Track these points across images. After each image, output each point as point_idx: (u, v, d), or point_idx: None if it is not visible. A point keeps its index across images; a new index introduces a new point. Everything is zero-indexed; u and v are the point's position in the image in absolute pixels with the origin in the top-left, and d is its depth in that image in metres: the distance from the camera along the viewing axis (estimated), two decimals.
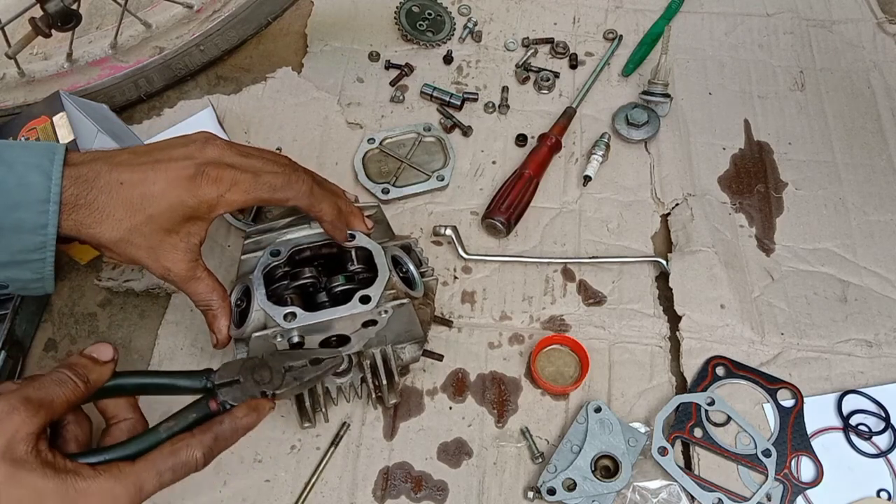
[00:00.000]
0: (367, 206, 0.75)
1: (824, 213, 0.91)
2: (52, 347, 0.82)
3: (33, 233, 0.58)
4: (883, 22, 1.09)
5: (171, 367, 0.80)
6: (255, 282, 0.67)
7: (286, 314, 0.65)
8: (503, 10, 1.11)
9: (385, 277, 0.67)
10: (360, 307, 0.65)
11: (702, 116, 0.99)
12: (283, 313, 0.65)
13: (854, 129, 0.98)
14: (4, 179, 0.57)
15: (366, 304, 0.66)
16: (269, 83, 1.03)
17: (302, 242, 0.71)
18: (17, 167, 0.57)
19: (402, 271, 0.72)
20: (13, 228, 0.57)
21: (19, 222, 0.57)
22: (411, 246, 0.76)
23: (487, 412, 0.78)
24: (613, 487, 0.70)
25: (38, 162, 0.58)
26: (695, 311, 0.82)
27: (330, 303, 0.69)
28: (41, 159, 0.58)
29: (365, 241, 0.71)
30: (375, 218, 0.76)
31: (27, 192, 0.57)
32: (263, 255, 0.69)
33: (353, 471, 0.74)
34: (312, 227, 0.72)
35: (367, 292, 0.66)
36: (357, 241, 0.70)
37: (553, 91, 1.03)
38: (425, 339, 0.75)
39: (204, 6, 0.99)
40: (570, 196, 0.93)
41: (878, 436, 0.76)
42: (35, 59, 0.99)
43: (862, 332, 0.82)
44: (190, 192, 0.62)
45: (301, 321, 0.65)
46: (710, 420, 0.76)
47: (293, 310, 0.65)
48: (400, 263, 0.72)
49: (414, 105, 1.01)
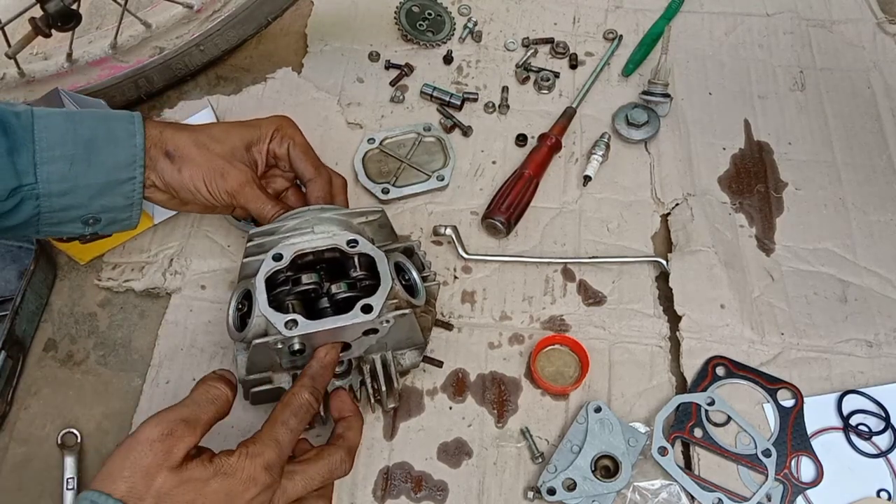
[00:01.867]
0: (371, 211, 0.75)
1: (824, 213, 0.91)
2: (52, 347, 0.82)
3: (125, 144, 0.68)
4: (883, 22, 1.09)
5: (170, 367, 0.80)
6: (256, 287, 0.67)
7: (287, 322, 0.64)
8: (503, 10, 1.11)
9: (387, 287, 0.67)
10: (362, 317, 0.65)
11: (702, 116, 0.99)
12: (284, 321, 0.64)
13: (854, 129, 0.98)
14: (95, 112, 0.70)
15: (367, 313, 0.65)
16: (269, 83, 1.03)
17: (305, 247, 0.70)
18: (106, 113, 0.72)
19: (405, 279, 0.72)
20: (107, 140, 0.67)
21: (111, 132, 0.68)
22: (414, 249, 0.76)
23: (487, 412, 0.78)
24: (613, 487, 0.70)
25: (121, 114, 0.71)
26: (695, 311, 0.82)
27: (332, 309, 0.69)
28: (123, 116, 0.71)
29: (368, 247, 0.70)
30: (379, 222, 0.75)
31: (115, 116, 0.70)
32: (266, 259, 0.69)
33: (353, 471, 0.74)
34: (316, 232, 0.71)
35: (370, 301, 0.66)
36: (360, 248, 0.70)
37: (553, 91, 1.03)
38: (426, 344, 0.74)
39: (204, 6, 0.99)
40: (570, 196, 0.93)
41: (878, 436, 0.76)
42: (35, 59, 0.99)
43: (862, 332, 0.82)
44: (252, 126, 0.77)
45: (302, 329, 0.64)
46: (710, 420, 0.76)
47: (294, 317, 0.65)
48: (403, 270, 0.72)
49: (414, 105, 1.01)
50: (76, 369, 0.81)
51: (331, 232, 0.71)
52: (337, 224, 0.72)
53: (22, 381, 0.80)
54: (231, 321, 0.69)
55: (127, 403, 0.78)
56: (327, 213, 0.72)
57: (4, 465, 0.75)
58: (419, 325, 0.71)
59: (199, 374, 0.79)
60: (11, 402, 0.78)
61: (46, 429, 0.77)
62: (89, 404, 0.78)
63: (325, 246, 0.70)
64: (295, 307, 0.68)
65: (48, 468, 0.74)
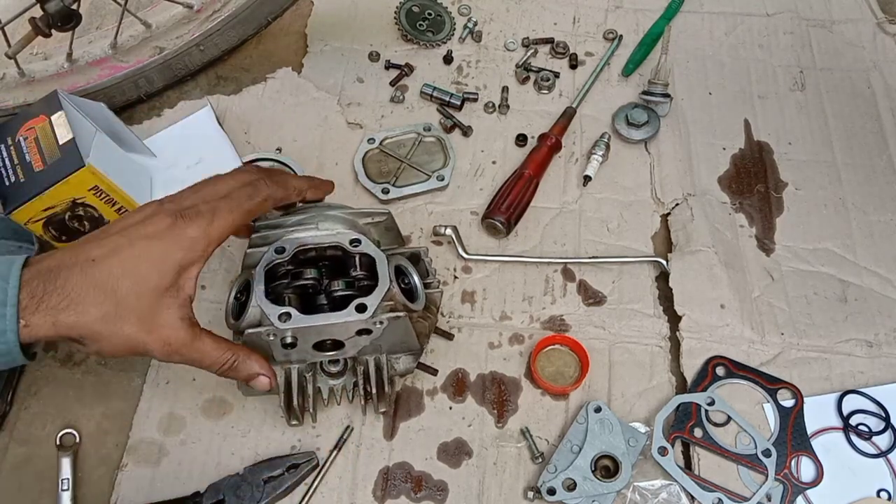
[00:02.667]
0: (378, 212, 0.74)
1: (824, 213, 0.91)
2: (52, 347, 0.82)
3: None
4: (883, 22, 1.09)
5: (171, 367, 0.79)
6: (256, 277, 0.67)
7: (281, 314, 0.65)
8: (503, 10, 1.11)
9: (384, 288, 0.67)
10: (356, 315, 0.65)
11: (702, 116, 0.99)
12: (278, 313, 0.65)
13: (854, 129, 0.98)
14: None
15: (361, 312, 0.65)
16: (269, 83, 1.03)
17: (307, 242, 0.70)
18: None
19: (405, 282, 0.71)
20: None
21: None
22: (420, 256, 0.75)
23: (487, 412, 0.78)
24: (613, 487, 0.70)
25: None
26: (695, 311, 0.82)
27: (329, 306, 0.69)
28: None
29: (371, 248, 0.70)
30: (386, 225, 0.75)
31: None
32: (268, 251, 0.69)
33: (353, 471, 0.74)
34: (320, 228, 0.71)
35: (365, 301, 0.66)
36: (362, 248, 0.70)
37: (553, 91, 1.03)
38: (422, 351, 0.74)
39: (204, 6, 0.99)
40: (570, 196, 0.93)
41: (878, 436, 0.76)
42: (35, 59, 0.99)
43: (862, 332, 0.82)
44: (174, 239, 0.58)
45: (295, 323, 0.65)
46: (710, 420, 0.76)
47: (289, 310, 0.65)
48: (403, 273, 0.72)
49: (414, 105, 1.01)
50: (76, 369, 0.81)
51: (335, 230, 0.71)
52: (342, 223, 0.72)
53: (22, 381, 0.80)
54: (229, 308, 0.69)
55: (127, 403, 0.78)
56: (333, 210, 0.72)
57: (4, 465, 0.75)
58: (416, 330, 0.70)
59: (199, 374, 0.79)
60: (11, 402, 0.78)
61: (46, 429, 0.77)
62: (89, 404, 0.78)
63: (327, 242, 0.70)
64: (292, 300, 0.68)
65: (48, 468, 0.74)
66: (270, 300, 0.66)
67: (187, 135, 0.96)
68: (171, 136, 0.96)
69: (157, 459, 0.75)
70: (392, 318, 0.66)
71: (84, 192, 0.79)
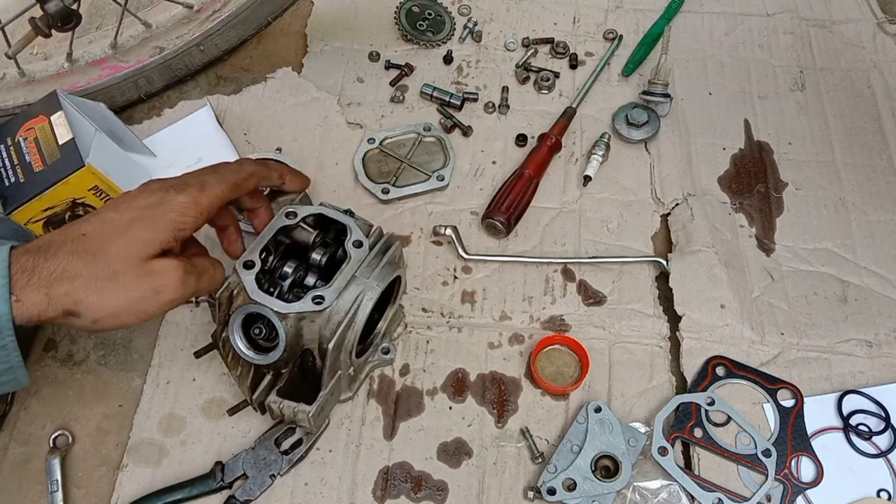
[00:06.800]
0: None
1: (824, 213, 0.91)
2: (52, 347, 0.82)
3: None
4: (883, 22, 1.09)
5: (171, 368, 0.80)
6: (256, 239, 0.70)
7: (246, 262, 0.67)
8: (503, 10, 1.11)
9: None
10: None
11: (702, 116, 0.99)
12: (243, 262, 0.67)
13: (854, 129, 0.98)
14: None
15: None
16: (269, 83, 1.03)
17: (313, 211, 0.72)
18: None
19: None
20: None
21: None
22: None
23: (487, 412, 0.78)
24: (613, 487, 0.70)
25: None
26: (695, 311, 0.82)
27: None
28: None
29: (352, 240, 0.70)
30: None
31: None
32: (279, 215, 0.71)
33: (352, 471, 0.74)
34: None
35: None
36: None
37: (553, 91, 1.03)
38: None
39: (204, 6, 0.99)
40: (570, 196, 0.93)
41: (878, 436, 0.76)
42: (35, 59, 0.99)
43: (862, 332, 0.82)
44: (166, 205, 0.59)
45: (236, 277, 0.67)
46: (710, 420, 0.76)
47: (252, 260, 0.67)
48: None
49: (414, 105, 1.01)
50: (76, 369, 0.81)
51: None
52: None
53: None
54: None
55: (127, 403, 0.78)
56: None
57: (4, 465, 0.75)
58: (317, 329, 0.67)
59: (199, 374, 0.79)
60: (11, 402, 0.78)
61: (46, 429, 0.77)
62: (89, 404, 0.78)
63: (333, 216, 0.71)
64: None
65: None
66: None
67: (187, 134, 0.96)
68: (170, 135, 0.96)
69: (157, 459, 0.75)
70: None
71: (84, 192, 0.79)
